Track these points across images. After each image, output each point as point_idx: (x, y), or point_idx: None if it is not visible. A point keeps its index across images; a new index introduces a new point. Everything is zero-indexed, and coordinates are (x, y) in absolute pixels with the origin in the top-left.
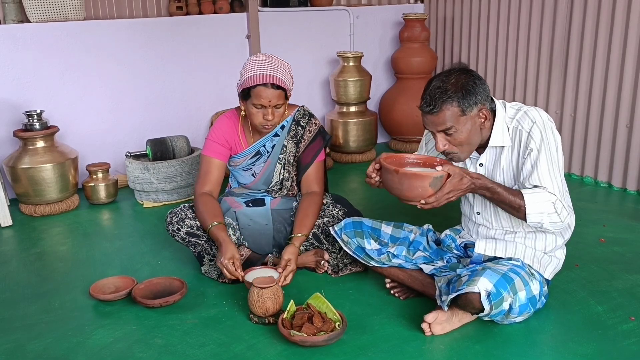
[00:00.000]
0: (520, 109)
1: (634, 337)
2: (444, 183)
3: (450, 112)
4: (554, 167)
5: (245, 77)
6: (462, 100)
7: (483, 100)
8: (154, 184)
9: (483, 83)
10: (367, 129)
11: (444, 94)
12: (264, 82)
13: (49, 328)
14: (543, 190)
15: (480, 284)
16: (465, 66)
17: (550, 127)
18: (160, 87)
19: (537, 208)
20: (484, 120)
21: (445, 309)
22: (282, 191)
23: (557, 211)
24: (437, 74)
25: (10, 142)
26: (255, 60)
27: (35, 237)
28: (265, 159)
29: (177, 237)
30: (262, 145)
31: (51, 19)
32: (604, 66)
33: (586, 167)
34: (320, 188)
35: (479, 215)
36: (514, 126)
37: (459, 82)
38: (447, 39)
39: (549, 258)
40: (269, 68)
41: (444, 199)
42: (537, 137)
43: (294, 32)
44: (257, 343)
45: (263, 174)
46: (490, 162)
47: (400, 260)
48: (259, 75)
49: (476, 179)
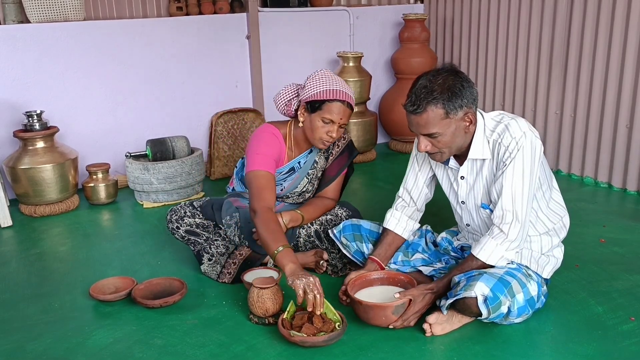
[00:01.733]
0: (501, 121)
1: (634, 338)
2: (407, 308)
3: (435, 113)
4: (524, 186)
5: (320, 89)
6: (447, 102)
7: (469, 103)
8: (153, 185)
9: (471, 86)
10: (367, 129)
11: (430, 94)
12: (342, 98)
13: (48, 328)
14: (488, 238)
15: (477, 288)
16: (455, 67)
17: (530, 142)
18: (160, 88)
19: (495, 256)
20: (468, 124)
21: (444, 312)
22: (299, 199)
23: (511, 248)
24: (425, 72)
25: (10, 142)
26: (328, 75)
27: (35, 237)
28: (295, 174)
29: (176, 235)
30: (298, 162)
31: (51, 19)
32: (604, 66)
33: (586, 167)
34: (335, 199)
35: (469, 227)
36: (494, 139)
37: (446, 84)
38: (447, 39)
39: (546, 258)
40: (344, 86)
41: (412, 319)
42: (514, 154)
43: (294, 32)
44: (257, 343)
45: (290, 186)
46: (471, 175)
47: (397, 265)
48: (338, 91)
49: (435, 287)
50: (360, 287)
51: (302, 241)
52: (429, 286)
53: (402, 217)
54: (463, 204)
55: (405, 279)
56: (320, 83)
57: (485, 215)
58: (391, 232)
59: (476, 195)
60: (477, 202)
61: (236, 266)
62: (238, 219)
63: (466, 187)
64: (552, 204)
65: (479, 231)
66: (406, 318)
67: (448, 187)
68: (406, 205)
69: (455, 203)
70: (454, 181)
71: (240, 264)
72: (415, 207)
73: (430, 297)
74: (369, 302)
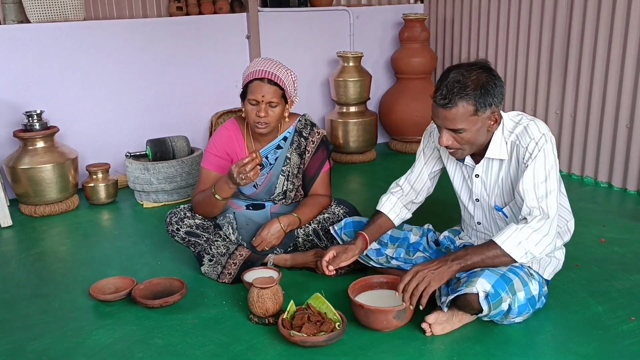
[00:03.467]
0: (520, 122)
1: (634, 338)
2: (408, 314)
3: (465, 109)
4: (547, 184)
5: (243, 77)
6: (479, 99)
7: (498, 102)
8: (154, 184)
9: (502, 85)
10: (367, 130)
11: (463, 90)
12: (260, 76)
13: (48, 328)
14: (514, 229)
15: (478, 284)
16: (488, 64)
17: (551, 142)
18: (160, 87)
19: (520, 251)
20: (493, 122)
21: (445, 310)
22: (286, 200)
23: (543, 243)
24: (457, 65)
25: (10, 142)
26: (257, 60)
27: (35, 237)
28: (267, 171)
29: (176, 237)
30: (263, 157)
31: (51, 19)
32: (604, 66)
33: (586, 167)
34: (328, 193)
35: (479, 225)
36: (512, 140)
37: (480, 80)
38: (447, 39)
39: (548, 259)
40: (269, 66)
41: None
42: (535, 155)
43: (294, 32)
44: (257, 343)
45: (265, 185)
46: (487, 174)
47: (399, 262)
48: (255, 71)
49: (451, 259)
50: (361, 291)
51: (300, 241)
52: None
53: (397, 203)
54: (477, 202)
55: None
56: (245, 72)
57: (497, 217)
58: (384, 215)
59: (490, 195)
60: (490, 203)
61: (236, 266)
62: (231, 219)
63: (481, 185)
64: (560, 209)
65: (490, 231)
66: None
67: (460, 183)
68: (403, 194)
69: (468, 200)
70: (468, 178)
71: (241, 264)
72: (413, 198)
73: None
74: (370, 306)
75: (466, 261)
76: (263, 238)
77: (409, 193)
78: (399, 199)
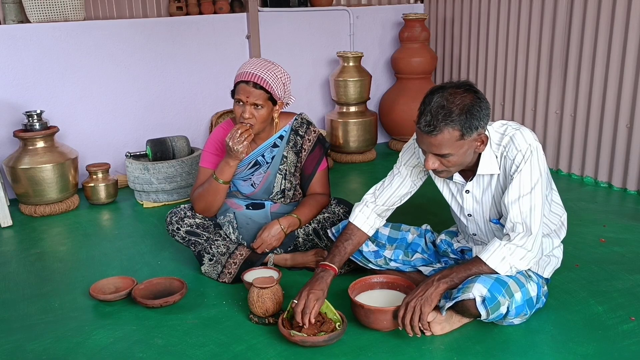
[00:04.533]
0: (505, 133)
1: (634, 338)
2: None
3: (450, 135)
4: (532, 198)
5: (235, 75)
6: (464, 124)
7: (484, 125)
8: (154, 184)
9: (487, 106)
10: (367, 129)
11: (448, 116)
12: (244, 79)
13: (48, 328)
14: (498, 245)
15: (474, 289)
16: (472, 84)
17: (537, 153)
18: (160, 87)
19: (504, 266)
20: (480, 144)
21: (443, 314)
22: (285, 199)
23: (527, 257)
24: (440, 86)
25: (10, 142)
26: (250, 61)
27: (35, 237)
28: (264, 170)
29: (177, 237)
30: (259, 155)
31: (51, 19)
32: (604, 66)
33: (586, 167)
34: (326, 192)
35: (475, 236)
36: (501, 153)
37: (465, 104)
38: (447, 39)
39: (547, 258)
40: (257, 68)
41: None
42: (521, 167)
43: (294, 32)
44: (257, 343)
45: (263, 184)
46: (478, 190)
47: (397, 264)
48: (242, 73)
49: (437, 279)
50: (361, 291)
51: (301, 241)
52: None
53: (371, 215)
54: (470, 217)
55: (404, 284)
56: (237, 71)
57: (494, 228)
58: (358, 230)
59: (484, 209)
60: (485, 217)
61: (237, 266)
62: (232, 218)
63: (472, 201)
64: (553, 206)
65: (486, 240)
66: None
67: (450, 198)
68: (377, 205)
69: (460, 213)
70: (457, 194)
71: (241, 264)
72: (389, 206)
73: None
74: (370, 306)
75: (452, 279)
76: (263, 240)
77: (385, 203)
78: (373, 210)
